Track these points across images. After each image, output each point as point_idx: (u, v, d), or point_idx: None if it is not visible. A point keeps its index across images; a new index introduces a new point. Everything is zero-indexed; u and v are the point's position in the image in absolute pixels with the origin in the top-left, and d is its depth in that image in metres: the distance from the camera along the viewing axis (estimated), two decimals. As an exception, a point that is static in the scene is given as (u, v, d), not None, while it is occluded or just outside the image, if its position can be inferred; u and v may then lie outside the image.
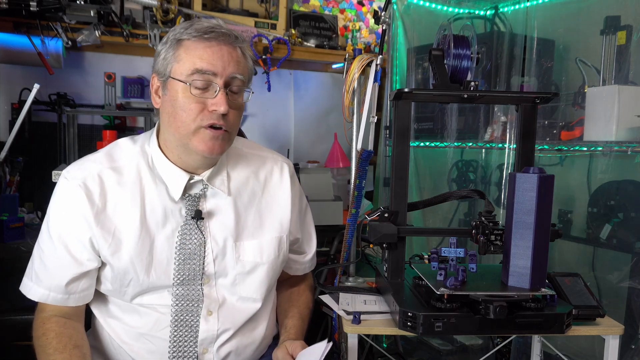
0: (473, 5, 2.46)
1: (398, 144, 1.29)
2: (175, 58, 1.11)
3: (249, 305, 1.24)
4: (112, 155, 1.19)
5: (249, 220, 1.24)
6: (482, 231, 1.22)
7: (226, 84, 1.10)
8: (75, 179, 1.13)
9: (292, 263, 1.40)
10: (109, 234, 1.12)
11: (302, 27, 2.98)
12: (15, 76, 2.50)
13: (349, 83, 1.56)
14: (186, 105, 1.09)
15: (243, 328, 1.23)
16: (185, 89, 1.09)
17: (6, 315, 1.67)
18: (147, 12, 2.54)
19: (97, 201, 1.12)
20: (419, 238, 2.36)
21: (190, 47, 1.10)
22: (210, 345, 1.19)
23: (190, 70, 1.08)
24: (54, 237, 1.14)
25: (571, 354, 1.88)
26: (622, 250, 1.81)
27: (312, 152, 3.22)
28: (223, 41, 1.10)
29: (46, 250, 1.15)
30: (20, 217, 2.08)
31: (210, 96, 1.09)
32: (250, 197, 1.25)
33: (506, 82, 2.16)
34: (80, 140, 2.53)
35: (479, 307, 1.11)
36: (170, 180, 1.17)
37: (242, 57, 1.14)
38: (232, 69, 1.10)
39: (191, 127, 1.10)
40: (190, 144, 1.11)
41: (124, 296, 1.17)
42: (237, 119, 1.16)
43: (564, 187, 2.11)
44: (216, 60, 1.09)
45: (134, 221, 1.13)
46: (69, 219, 1.13)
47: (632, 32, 1.79)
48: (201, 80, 1.08)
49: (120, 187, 1.15)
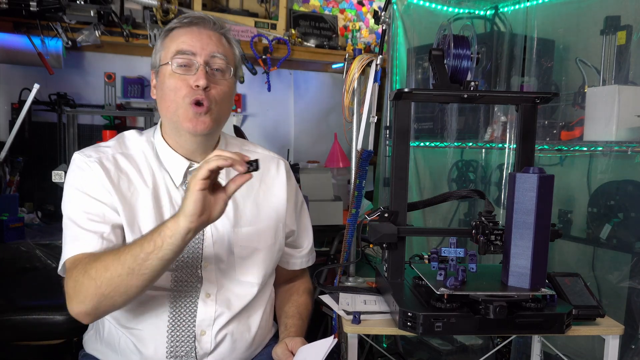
0: (473, 5, 2.46)
1: (398, 144, 1.29)
2: (163, 47, 1.21)
3: (247, 290, 1.26)
4: (122, 143, 1.26)
5: (246, 209, 1.28)
6: (482, 231, 1.22)
7: (206, 63, 1.17)
8: (91, 157, 1.19)
9: (288, 257, 1.42)
10: (125, 206, 1.16)
11: (302, 27, 2.98)
12: (15, 76, 2.50)
13: (349, 83, 1.56)
14: (171, 84, 1.16)
15: (239, 314, 1.25)
16: (169, 70, 1.17)
17: (6, 315, 1.67)
18: (147, 12, 2.54)
19: (113, 177, 1.17)
20: (419, 238, 2.36)
21: (174, 35, 1.20)
22: (208, 327, 1.21)
23: (173, 52, 1.17)
24: (85, 195, 1.15)
25: (571, 354, 1.89)
26: (622, 250, 1.81)
27: (312, 152, 3.22)
28: (204, 26, 1.20)
29: (82, 206, 1.15)
30: (20, 217, 2.08)
31: (192, 73, 1.16)
32: (247, 188, 1.27)
33: (506, 82, 2.16)
34: (80, 140, 2.53)
35: (479, 307, 1.11)
36: (172, 166, 1.23)
37: (223, 41, 1.22)
38: (211, 49, 1.18)
39: (177, 105, 1.16)
40: (179, 124, 1.17)
41: None
42: (222, 97, 1.19)
43: (564, 187, 2.11)
44: (195, 41, 1.17)
45: (147, 200, 1.18)
46: (91, 183, 1.16)
47: (632, 32, 1.79)
48: (182, 59, 1.16)
49: (133, 170, 1.21)
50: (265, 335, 1.35)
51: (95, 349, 1.27)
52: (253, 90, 3.01)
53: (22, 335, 1.70)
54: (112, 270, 1.02)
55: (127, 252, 1.03)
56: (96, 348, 1.27)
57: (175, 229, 0.99)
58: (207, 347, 1.20)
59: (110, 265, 1.03)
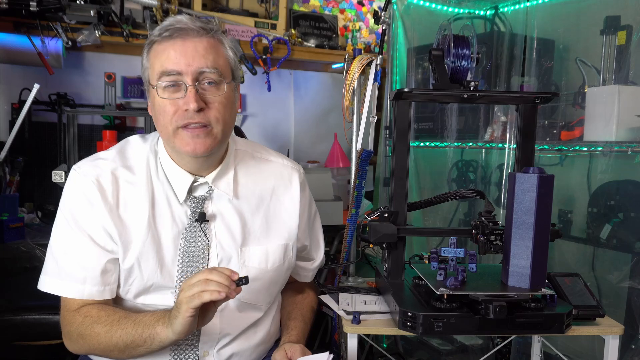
0: (473, 5, 2.46)
1: (398, 144, 1.29)
2: (149, 64, 1.11)
3: (251, 314, 1.23)
4: (124, 154, 1.19)
5: (255, 226, 1.22)
6: (482, 231, 1.22)
7: (196, 80, 1.08)
8: (88, 175, 1.13)
9: (299, 270, 1.39)
10: (120, 231, 1.12)
11: (302, 27, 2.98)
12: (15, 76, 2.50)
13: (349, 83, 1.56)
14: (161, 108, 1.09)
15: (244, 333, 1.23)
16: (157, 93, 1.09)
17: (6, 315, 1.67)
18: (147, 12, 2.54)
19: (110, 199, 1.12)
20: (419, 238, 2.36)
21: (157, 50, 1.09)
22: (210, 348, 1.19)
23: (158, 74, 1.08)
24: (75, 228, 1.12)
25: (571, 354, 1.88)
26: (622, 250, 1.81)
27: (312, 152, 3.22)
28: (186, 36, 1.08)
29: (70, 243, 1.13)
30: (20, 217, 2.08)
31: (181, 96, 1.08)
32: (257, 202, 1.24)
33: (506, 82, 2.16)
34: (80, 140, 2.52)
35: (479, 307, 1.11)
36: (175, 181, 1.17)
37: (211, 48, 1.09)
38: (198, 64, 1.07)
39: (169, 129, 1.09)
40: (175, 147, 1.11)
41: (127, 294, 1.16)
42: (221, 112, 1.10)
43: (564, 187, 2.11)
44: (180, 58, 1.06)
45: (142, 221, 1.13)
46: (87, 210, 1.12)
47: (632, 32, 1.79)
48: (167, 82, 1.07)
49: (132, 186, 1.15)
50: (271, 343, 1.33)
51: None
52: (253, 90, 3.01)
53: (22, 335, 1.70)
54: (104, 344, 1.08)
55: (121, 332, 1.07)
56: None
57: (165, 338, 1.03)
58: None
59: (102, 339, 1.08)
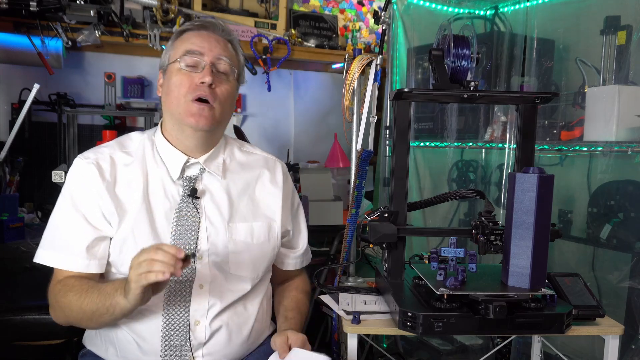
0: (473, 5, 2.46)
1: (398, 144, 1.29)
2: (173, 47, 1.29)
3: (239, 285, 1.29)
4: (123, 143, 1.33)
5: (241, 205, 1.33)
6: (482, 231, 1.22)
7: (212, 63, 1.25)
8: (88, 159, 1.26)
9: (283, 257, 1.45)
10: (116, 206, 1.23)
11: (302, 27, 2.98)
12: (15, 76, 2.50)
13: (349, 83, 1.56)
14: (178, 81, 1.24)
15: (233, 306, 1.27)
16: (177, 67, 1.25)
17: (6, 315, 1.66)
18: (147, 12, 2.54)
19: (107, 177, 1.24)
20: (419, 238, 2.36)
21: (185, 37, 1.28)
22: (202, 317, 1.23)
23: (182, 51, 1.25)
24: (71, 207, 1.24)
25: (571, 354, 1.89)
26: (622, 250, 1.81)
27: (312, 152, 3.22)
28: (213, 31, 1.29)
29: (63, 219, 1.25)
30: (20, 217, 2.08)
31: (198, 72, 1.24)
32: (244, 185, 1.35)
33: (506, 82, 2.16)
34: (80, 140, 2.53)
35: (479, 307, 1.11)
36: (170, 161, 1.29)
37: (230, 47, 1.31)
38: (218, 51, 1.26)
39: (182, 100, 1.23)
40: (182, 118, 1.24)
41: (121, 266, 1.22)
42: (225, 96, 1.27)
43: (564, 187, 2.11)
44: (204, 43, 1.26)
45: (137, 196, 1.24)
46: (83, 191, 1.23)
47: (632, 32, 1.79)
48: (190, 58, 1.24)
49: (128, 167, 1.27)
50: (262, 331, 1.36)
51: (94, 344, 1.30)
52: (253, 90, 3.01)
53: (22, 335, 1.70)
54: (75, 311, 1.18)
55: (88, 300, 1.15)
56: (96, 343, 1.30)
57: (124, 307, 1.10)
58: (201, 337, 1.22)
59: (74, 307, 1.17)
